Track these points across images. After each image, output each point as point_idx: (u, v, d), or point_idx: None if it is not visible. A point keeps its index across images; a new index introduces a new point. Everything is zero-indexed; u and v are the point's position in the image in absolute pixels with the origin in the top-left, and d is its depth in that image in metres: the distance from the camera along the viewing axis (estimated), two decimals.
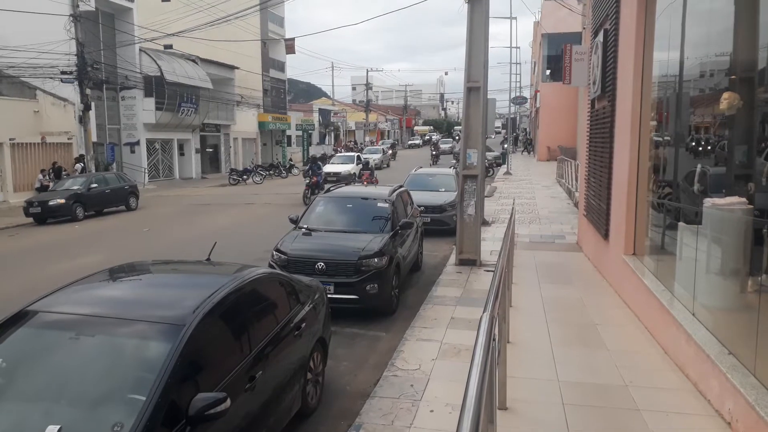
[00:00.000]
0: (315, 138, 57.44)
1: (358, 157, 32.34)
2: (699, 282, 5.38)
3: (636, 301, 7.14)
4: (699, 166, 5.84)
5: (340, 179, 24.52)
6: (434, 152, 44.40)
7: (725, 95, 4.95)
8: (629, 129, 7.51)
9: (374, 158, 40.48)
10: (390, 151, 49.41)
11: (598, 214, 9.52)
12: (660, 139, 7.28)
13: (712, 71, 5.82)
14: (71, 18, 22.56)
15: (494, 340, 2.66)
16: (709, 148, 5.78)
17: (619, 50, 8.33)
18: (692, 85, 6.25)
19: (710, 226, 5.21)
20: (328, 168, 27.55)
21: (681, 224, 6.17)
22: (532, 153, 50.74)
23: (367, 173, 22.58)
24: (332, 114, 66.01)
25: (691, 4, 5.99)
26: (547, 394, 5.06)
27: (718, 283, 5.25)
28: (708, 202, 5.23)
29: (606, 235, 8.86)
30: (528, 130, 67.64)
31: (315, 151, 42.28)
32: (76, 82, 23.09)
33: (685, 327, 5.17)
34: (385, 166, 41.38)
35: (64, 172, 23.09)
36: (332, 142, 61.32)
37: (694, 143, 6.14)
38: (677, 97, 6.56)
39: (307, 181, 21.16)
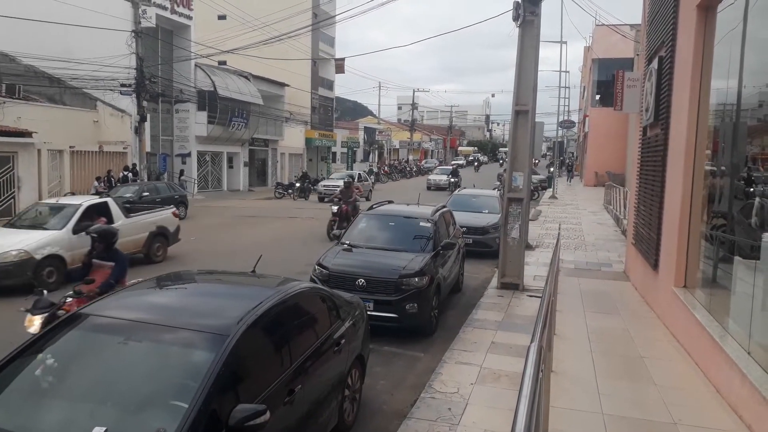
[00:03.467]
0: (359, 155, 57.98)
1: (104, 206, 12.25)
2: (756, 319, 5.14)
3: (686, 336, 6.87)
4: (757, 199, 5.61)
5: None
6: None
7: None
8: (683, 157, 7.30)
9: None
10: (372, 179, 36.78)
11: (648, 244, 9.25)
12: (714, 169, 7.05)
13: None
14: (133, 34, 23.61)
15: (540, 370, 2.60)
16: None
17: (674, 77, 8.14)
18: (750, 115, 6.05)
19: None
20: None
21: (736, 258, 5.92)
22: (569, 178, 49.14)
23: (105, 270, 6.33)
24: (377, 132, 66.56)
25: (751, 32, 5.82)
26: (590, 427, 4.90)
27: None
28: (767, 237, 5.02)
29: (655, 266, 8.59)
30: (575, 153, 66.27)
31: (359, 168, 37.04)
32: (134, 95, 24.09)
33: (740, 366, 4.94)
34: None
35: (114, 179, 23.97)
36: (376, 160, 61.67)
37: (750, 174, 5.92)
38: (734, 126, 6.35)
39: (335, 209, 15.75)
